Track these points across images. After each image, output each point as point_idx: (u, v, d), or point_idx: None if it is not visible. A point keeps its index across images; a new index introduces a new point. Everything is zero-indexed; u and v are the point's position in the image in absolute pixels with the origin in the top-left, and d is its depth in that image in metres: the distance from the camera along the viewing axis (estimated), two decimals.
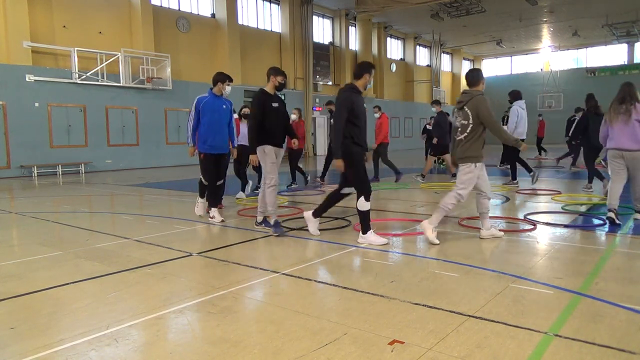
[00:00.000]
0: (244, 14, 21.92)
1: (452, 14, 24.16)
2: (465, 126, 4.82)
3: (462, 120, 4.88)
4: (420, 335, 2.60)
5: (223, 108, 6.26)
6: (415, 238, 5.11)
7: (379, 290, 3.36)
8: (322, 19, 26.45)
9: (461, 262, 4.04)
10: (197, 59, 19.70)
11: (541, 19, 28.52)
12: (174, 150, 18.51)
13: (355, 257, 4.37)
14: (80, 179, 13.61)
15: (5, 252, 4.87)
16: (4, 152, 14.28)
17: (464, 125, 4.85)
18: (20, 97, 14.46)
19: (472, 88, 4.93)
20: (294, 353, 2.42)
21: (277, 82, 5.44)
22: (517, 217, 6.20)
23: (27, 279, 3.85)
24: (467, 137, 4.80)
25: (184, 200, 8.83)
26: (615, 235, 5.08)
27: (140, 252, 4.70)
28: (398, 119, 31.85)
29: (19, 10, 14.24)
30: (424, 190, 9.46)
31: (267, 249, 4.81)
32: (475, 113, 4.74)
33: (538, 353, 2.37)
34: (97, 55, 16.05)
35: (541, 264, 4.00)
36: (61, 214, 7.32)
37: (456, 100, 5.04)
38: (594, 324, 2.71)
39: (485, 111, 4.73)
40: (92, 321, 2.89)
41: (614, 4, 24.97)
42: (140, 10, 17.24)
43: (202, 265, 4.22)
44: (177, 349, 2.52)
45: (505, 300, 3.12)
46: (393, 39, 32.25)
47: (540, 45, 36.38)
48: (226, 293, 3.38)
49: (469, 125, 4.79)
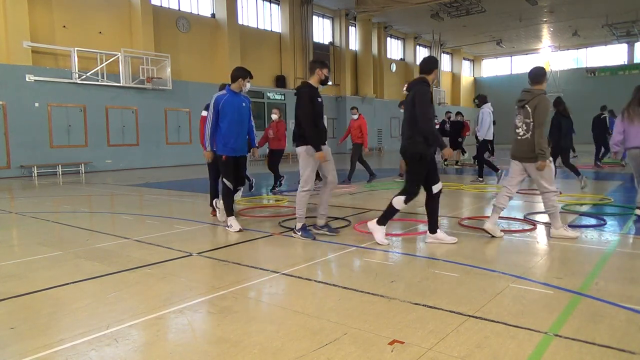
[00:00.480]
0: (244, 14, 21.93)
1: (452, 14, 24.17)
2: (530, 125, 4.79)
3: (525, 119, 4.83)
4: (420, 335, 2.60)
5: (243, 106, 5.73)
6: (415, 238, 5.11)
7: (379, 290, 3.36)
8: (322, 19, 26.46)
9: (461, 262, 4.04)
10: (197, 59, 19.71)
11: (541, 19, 28.52)
12: (174, 150, 18.52)
13: (355, 257, 4.36)
14: (80, 179, 13.61)
15: (5, 252, 4.87)
16: (4, 152, 14.28)
17: (527, 124, 4.81)
18: (20, 97, 14.46)
19: (535, 86, 4.88)
20: (294, 353, 2.42)
21: (323, 75, 5.13)
22: (517, 217, 6.20)
23: (27, 279, 3.85)
24: (533, 136, 4.76)
25: (183, 200, 8.83)
26: (616, 235, 5.08)
27: (140, 252, 4.70)
28: (398, 119, 31.84)
29: (19, 10, 14.24)
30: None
31: (267, 249, 4.81)
32: (534, 110, 4.73)
33: (538, 353, 2.37)
34: (97, 55, 16.05)
35: (541, 264, 4.00)
36: (61, 214, 7.32)
37: (517, 98, 4.98)
38: (594, 324, 2.71)
39: (542, 111, 4.71)
40: (92, 321, 2.89)
41: (614, 4, 24.97)
42: (140, 10, 17.24)
43: (202, 265, 4.22)
44: (177, 349, 2.52)
45: (505, 300, 3.12)
46: (393, 39, 32.26)
47: (540, 45, 36.39)
48: (226, 293, 3.38)
49: (532, 123, 4.77)
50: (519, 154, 4.92)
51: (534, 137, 4.73)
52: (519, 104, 4.92)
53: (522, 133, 4.86)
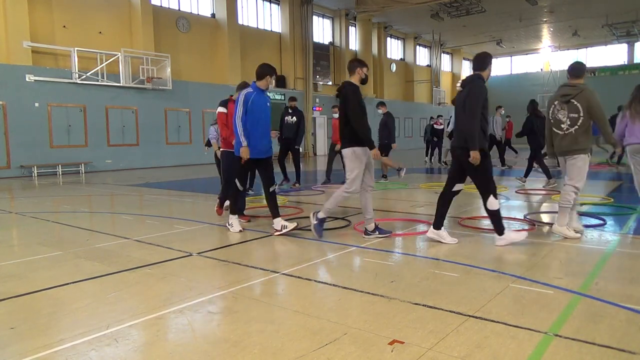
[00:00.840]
0: (244, 14, 21.93)
1: (452, 14, 24.17)
2: (576, 119, 4.83)
3: (570, 114, 4.87)
4: (420, 335, 2.60)
5: (267, 106, 5.52)
6: (415, 238, 5.11)
7: (379, 290, 3.36)
8: (322, 19, 26.46)
9: (461, 262, 4.04)
10: (197, 59, 19.71)
11: (541, 19, 28.53)
12: (174, 150, 18.52)
13: (355, 257, 4.37)
14: (80, 179, 13.61)
15: (5, 252, 4.87)
16: (4, 152, 14.28)
17: (573, 118, 4.85)
18: (20, 97, 14.46)
19: (576, 81, 4.93)
20: (294, 353, 2.42)
21: (363, 74, 5.06)
22: (517, 217, 6.20)
23: (27, 279, 3.85)
24: (578, 130, 4.82)
25: (183, 200, 8.83)
26: (616, 235, 5.08)
27: (140, 252, 4.70)
28: (398, 119, 31.82)
29: (19, 10, 14.24)
30: (425, 190, 9.47)
31: (267, 249, 4.81)
32: (586, 106, 4.77)
33: (538, 353, 2.37)
34: (97, 55, 16.04)
35: (541, 264, 4.00)
36: (61, 214, 7.32)
37: (558, 94, 4.99)
38: (594, 324, 2.71)
39: (596, 104, 4.78)
40: (92, 321, 2.89)
41: (614, 4, 24.97)
42: (140, 10, 17.24)
43: (202, 265, 4.22)
44: (177, 349, 2.52)
45: (505, 300, 3.12)
46: (393, 39, 32.26)
47: (540, 45, 36.40)
48: (226, 293, 3.38)
49: (580, 118, 4.80)
50: (559, 150, 4.99)
51: (578, 131, 4.82)
52: (563, 99, 4.92)
53: (566, 128, 4.91)
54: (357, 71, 5.06)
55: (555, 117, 4.99)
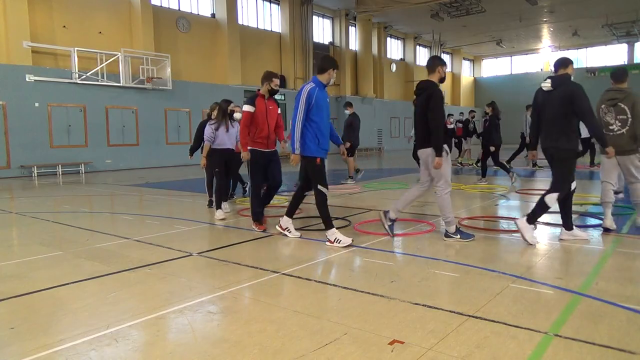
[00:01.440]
0: (244, 14, 21.94)
1: (452, 14, 24.17)
2: (626, 120, 5.15)
3: (619, 116, 5.18)
4: (420, 335, 2.60)
5: (328, 102, 5.07)
6: (415, 238, 5.11)
7: (379, 290, 3.36)
8: (322, 19, 26.47)
9: (461, 262, 4.04)
10: (197, 59, 19.72)
11: (541, 19, 28.53)
12: (174, 150, 18.52)
13: (355, 257, 4.36)
14: (80, 179, 13.61)
15: (5, 252, 4.87)
16: (4, 152, 14.28)
17: (623, 120, 5.16)
18: (20, 97, 14.46)
19: (619, 85, 5.26)
20: (294, 353, 2.42)
21: (443, 73, 4.92)
22: (517, 218, 6.19)
23: (27, 279, 3.85)
24: (630, 131, 5.11)
25: (183, 200, 8.83)
26: (616, 235, 5.08)
27: (140, 252, 4.70)
28: (398, 119, 31.86)
29: (19, 10, 14.24)
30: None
31: (267, 249, 4.81)
32: (631, 106, 5.09)
33: (538, 353, 2.37)
34: (97, 55, 16.05)
35: (541, 264, 4.00)
36: (61, 214, 7.32)
37: (605, 97, 5.30)
38: (594, 324, 2.71)
39: None
40: (92, 321, 2.89)
41: (614, 4, 24.97)
42: (140, 10, 17.25)
43: (202, 265, 4.22)
44: (177, 349, 2.52)
45: (505, 300, 3.12)
46: (393, 39, 32.26)
47: (540, 45, 36.40)
48: (226, 293, 3.38)
49: (628, 119, 5.13)
50: (618, 148, 5.13)
51: (629, 132, 5.09)
52: (610, 103, 5.24)
53: (617, 129, 5.19)
54: (437, 70, 4.91)
55: (604, 120, 5.31)
